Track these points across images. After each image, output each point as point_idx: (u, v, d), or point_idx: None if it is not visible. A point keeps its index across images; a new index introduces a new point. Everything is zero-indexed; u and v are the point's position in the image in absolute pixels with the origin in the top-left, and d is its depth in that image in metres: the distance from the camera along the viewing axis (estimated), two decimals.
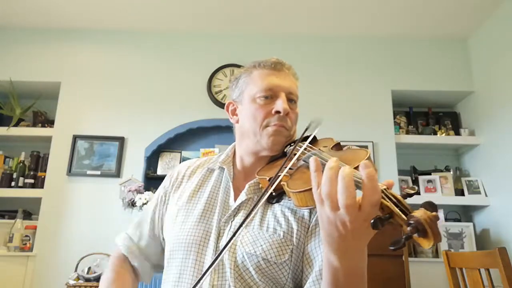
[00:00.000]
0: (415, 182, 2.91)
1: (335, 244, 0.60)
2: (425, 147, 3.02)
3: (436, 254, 2.68)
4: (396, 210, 0.52)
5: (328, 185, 0.57)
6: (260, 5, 2.78)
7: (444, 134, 2.96)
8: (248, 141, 0.96)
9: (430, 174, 2.91)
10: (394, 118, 2.96)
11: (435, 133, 2.98)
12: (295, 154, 0.78)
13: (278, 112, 0.90)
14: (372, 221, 0.51)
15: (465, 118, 3.10)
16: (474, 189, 2.79)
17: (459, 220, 2.87)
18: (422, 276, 2.45)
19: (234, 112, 1.01)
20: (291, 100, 0.95)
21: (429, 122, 3.07)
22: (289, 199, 0.81)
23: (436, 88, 2.99)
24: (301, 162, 0.80)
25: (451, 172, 2.94)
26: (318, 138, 0.94)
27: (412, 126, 3.04)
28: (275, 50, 3.00)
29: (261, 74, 0.95)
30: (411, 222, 0.48)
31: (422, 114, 3.16)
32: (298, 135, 0.88)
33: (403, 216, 0.51)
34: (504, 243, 2.50)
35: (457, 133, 2.97)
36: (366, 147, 2.82)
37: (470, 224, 2.75)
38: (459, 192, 2.82)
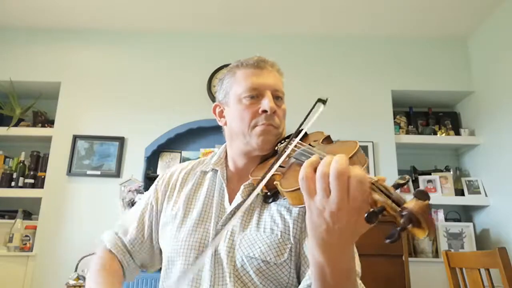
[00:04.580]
0: (415, 182, 2.91)
1: (320, 238, 0.59)
2: (425, 147, 3.02)
3: (436, 254, 2.67)
4: (389, 202, 0.51)
5: (324, 167, 0.56)
6: (260, 5, 2.78)
7: (444, 134, 2.96)
8: (238, 142, 0.94)
9: (430, 174, 2.91)
10: (394, 118, 2.96)
11: (435, 133, 2.98)
12: (284, 152, 0.77)
13: (265, 111, 0.89)
14: (366, 215, 0.50)
15: (465, 118, 3.10)
16: (474, 189, 2.79)
17: (459, 220, 2.86)
18: (422, 276, 2.45)
19: (221, 114, 1.00)
20: (277, 97, 0.93)
21: (429, 122, 3.07)
22: (284, 198, 0.81)
23: (436, 88, 2.99)
24: (293, 160, 0.79)
25: (451, 172, 2.94)
26: (308, 132, 0.93)
27: (412, 126, 3.04)
28: (275, 50, 2.99)
29: (245, 73, 0.94)
30: (404, 213, 0.48)
31: (422, 114, 3.16)
32: (296, 123, 0.86)
33: (396, 208, 0.50)
34: (504, 243, 2.50)
35: (457, 133, 2.97)
36: (366, 147, 2.83)
37: (470, 224, 2.75)
38: (459, 192, 2.82)
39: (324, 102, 0.82)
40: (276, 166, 0.73)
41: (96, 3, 2.79)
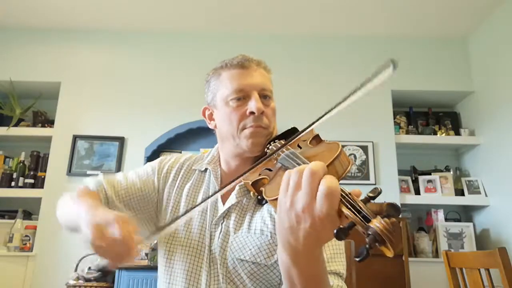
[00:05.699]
0: (415, 182, 2.91)
1: (285, 238, 0.57)
2: (425, 147, 3.02)
3: (436, 254, 2.67)
4: (357, 218, 0.50)
5: (296, 177, 0.55)
6: (260, 5, 2.78)
7: (444, 134, 2.96)
8: (229, 145, 0.94)
9: (430, 174, 2.91)
10: (394, 118, 2.96)
11: (435, 133, 2.98)
12: (270, 156, 0.75)
13: (252, 113, 0.88)
14: (335, 231, 0.49)
15: (465, 118, 3.10)
16: (474, 189, 2.79)
17: (459, 220, 2.86)
18: (422, 276, 2.45)
19: (211, 117, 0.99)
20: (265, 96, 0.92)
21: (429, 122, 3.07)
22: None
23: (436, 88, 2.99)
24: (279, 164, 0.77)
25: (451, 172, 2.94)
26: (299, 128, 0.92)
27: (412, 126, 3.04)
28: (275, 50, 3.00)
29: (229, 74, 0.92)
30: (369, 233, 0.47)
31: (422, 114, 3.16)
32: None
33: (364, 224, 0.49)
34: (504, 243, 2.50)
35: (457, 133, 2.97)
36: (366, 147, 2.83)
37: (470, 224, 2.75)
38: (459, 192, 2.82)
39: (394, 64, 0.60)
40: (245, 175, 0.72)
41: (96, 3, 2.79)
